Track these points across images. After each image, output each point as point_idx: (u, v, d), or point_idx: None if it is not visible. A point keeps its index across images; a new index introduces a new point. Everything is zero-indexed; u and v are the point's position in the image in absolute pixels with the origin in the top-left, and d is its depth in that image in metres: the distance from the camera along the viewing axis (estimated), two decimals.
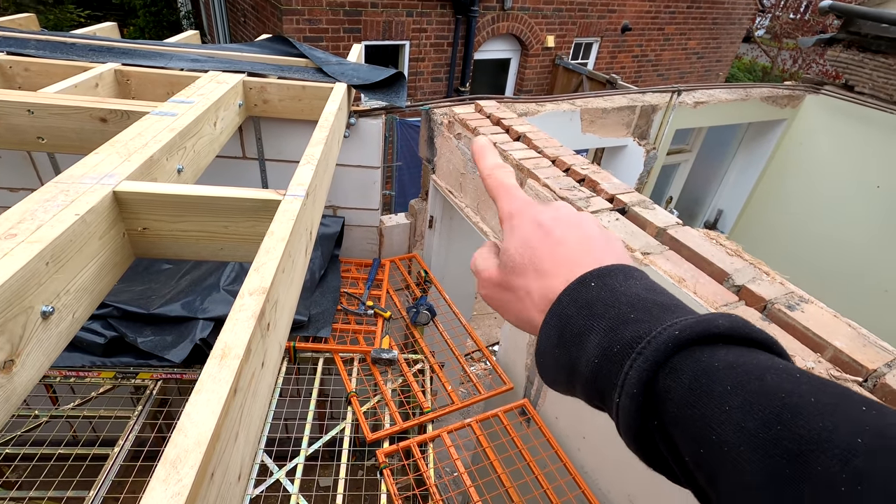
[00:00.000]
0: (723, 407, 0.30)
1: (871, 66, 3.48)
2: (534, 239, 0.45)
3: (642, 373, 0.33)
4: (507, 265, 0.46)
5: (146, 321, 1.83)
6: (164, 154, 1.33)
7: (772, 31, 16.05)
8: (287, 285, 1.03)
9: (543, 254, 0.44)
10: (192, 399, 0.64)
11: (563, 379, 0.41)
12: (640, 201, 1.63)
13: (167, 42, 2.35)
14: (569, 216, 0.47)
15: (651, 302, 0.38)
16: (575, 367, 0.39)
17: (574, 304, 0.40)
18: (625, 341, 0.36)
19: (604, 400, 0.38)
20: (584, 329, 0.38)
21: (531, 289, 0.44)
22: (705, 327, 0.33)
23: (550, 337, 0.41)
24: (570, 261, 0.43)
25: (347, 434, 1.82)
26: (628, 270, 0.41)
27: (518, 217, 0.48)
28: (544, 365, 0.43)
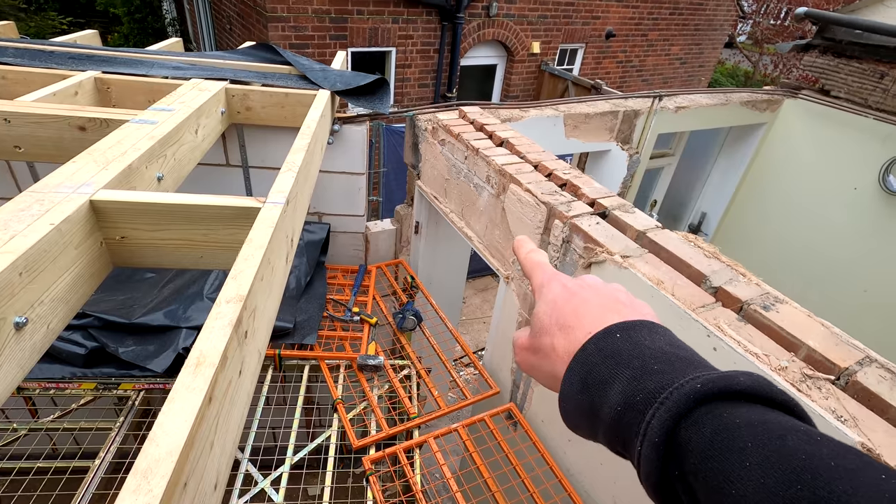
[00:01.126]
0: (743, 463, 0.31)
1: (845, 71, 3.56)
2: (560, 299, 0.48)
3: (664, 422, 0.34)
4: (535, 327, 0.49)
5: (128, 331, 1.81)
6: (143, 162, 1.32)
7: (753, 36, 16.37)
8: (266, 293, 1.03)
9: (568, 311, 0.47)
10: (164, 408, 0.63)
11: (586, 424, 0.43)
12: (620, 205, 1.65)
13: (149, 50, 2.34)
14: (595, 282, 0.50)
15: (674, 356, 0.39)
16: (597, 413, 0.40)
17: (599, 353, 0.42)
18: (648, 391, 0.37)
19: (626, 447, 0.39)
20: (608, 377, 0.40)
21: (556, 345, 0.46)
22: (727, 383, 0.34)
23: (574, 383, 0.42)
24: (593, 317, 0.45)
25: (333, 441, 1.81)
26: (653, 326, 0.43)
27: (547, 284, 0.51)
28: (567, 410, 0.44)
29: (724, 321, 1.20)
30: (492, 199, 1.96)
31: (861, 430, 0.95)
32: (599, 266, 1.47)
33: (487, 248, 2.08)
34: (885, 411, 1.00)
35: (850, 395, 1.05)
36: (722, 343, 1.15)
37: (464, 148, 2.09)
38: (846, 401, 1.02)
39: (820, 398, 1.02)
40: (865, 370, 1.07)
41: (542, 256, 0.57)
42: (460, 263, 3.07)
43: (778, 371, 1.07)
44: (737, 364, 1.12)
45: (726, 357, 1.14)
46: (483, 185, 2.00)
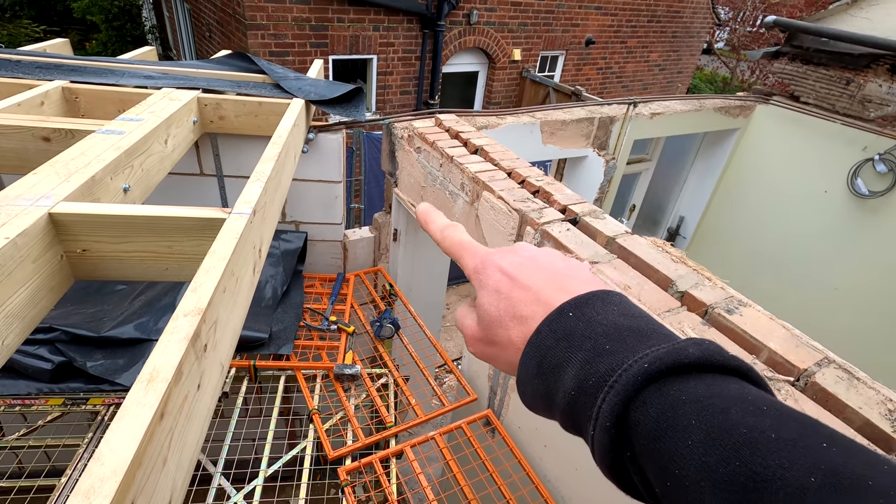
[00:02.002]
0: (686, 441, 0.30)
1: (814, 78, 3.66)
2: (504, 287, 0.46)
3: (614, 406, 0.34)
4: (485, 319, 0.47)
5: (97, 344, 1.77)
6: (107, 173, 1.30)
7: (730, 43, 16.76)
8: (230, 304, 1.02)
9: (516, 300, 0.45)
10: (112, 425, 0.62)
11: (542, 406, 0.42)
12: (590, 211, 1.67)
13: (120, 59, 2.32)
14: (529, 257, 0.48)
15: (627, 329, 0.38)
16: (553, 397, 0.40)
17: (553, 335, 0.41)
18: (599, 374, 0.36)
19: (580, 430, 0.39)
20: (562, 361, 0.39)
21: (512, 336, 0.45)
22: (675, 358, 0.34)
23: (530, 367, 0.42)
24: (542, 301, 0.44)
25: (309, 453, 1.80)
26: (605, 297, 0.42)
27: (483, 270, 0.49)
28: (525, 393, 0.44)
29: (689, 325, 1.22)
30: (466, 207, 1.97)
31: None
32: None
33: None
34: (841, 411, 1.03)
35: (809, 396, 1.07)
36: None
37: (439, 156, 2.10)
38: (805, 402, 1.04)
39: (780, 400, 1.04)
40: (824, 371, 1.10)
41: (461, 233, 0.54)
42: (440, 270, 3.08)
43: None
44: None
45: None
46: (458, 193, 2.01)
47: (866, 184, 3.49)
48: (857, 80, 3.43)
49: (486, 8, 7.03)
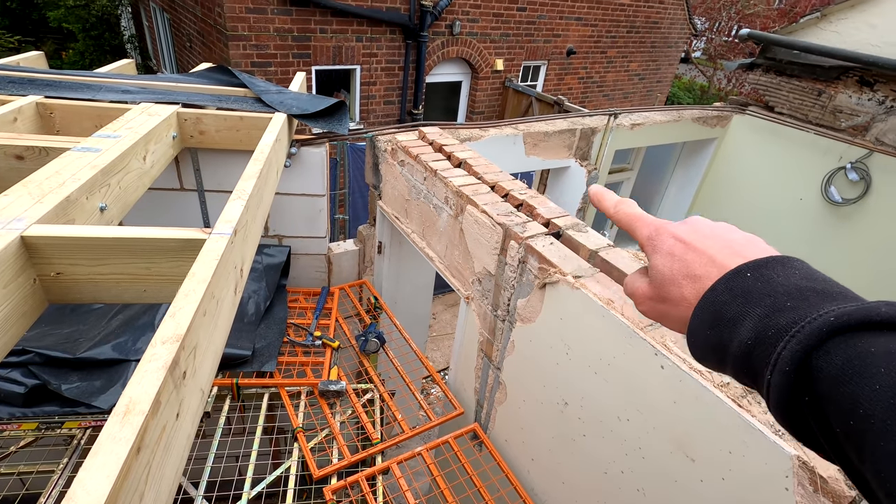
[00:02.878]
0: (873, 386, 0.33)
1: (787, 89, 3.77)
2: (678, 251, 0.50)
3: (795, 353, 0.37)
4: (657, 280, 0.51)
5: (72, 366, 1.72)
6: (83, 193, 1.27)
7: (707, 52, 17.17)
8: (210, 328, 1.01)
9: (691, 261, 0.49)
10: (86, 463, 0.60)
11: (713, 358, 0.45)
12: (573, 224, 1.69)
13: (97, 73, 2.28)
14: (703, 226, 0.52)
15: (809, 290, 0.40)
16: (726, 348, 0.43)
17: (729, 292, 0.44)
18: (779, 326, 0.39)
19: (755, 378, 0.41)
20: (738, 315, 0.42)
21: (686, 294, 0.48)
22: (864, 315, 0.36)
23: (704, 320, 0.45)
24: (717, 263, 0.47)
25: (293, 472, 1.77)
26: (786, 261, 0.44)
27: (657, 237, 0.53)
28: (695, 344, 0.47)
29: (671, 339, 1.23)
30: (450, 220, 1.98)
31: (797, 444, 0.99)
32: (553, 286, 1.49)
33: (448, 268, 2.09)
34: None
35: None
36: (668, 361, 1.18)
37: (422, 169, 2.11)
38: None
39: (759, 412, 1.05)
40: None
41: (633, 207, 0.58)
42: (425, 282, 3.07)
43: (721, 387, 1.10)
44: (682, 382, 1.16)
45: (672, 374, 1.17)
46: (442, 206, 2.02)
47: (839, 191, 3.59)
48: (829, 92, 3.54)
49: (468, 19, 7.10)
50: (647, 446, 1.30)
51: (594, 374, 1.42)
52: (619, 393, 1.36)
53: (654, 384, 1.24)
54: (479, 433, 1.99)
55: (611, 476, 1.44)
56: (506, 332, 1.78)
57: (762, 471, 1.03)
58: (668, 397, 1.21)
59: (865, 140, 3.43)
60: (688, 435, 1.19)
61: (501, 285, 1.75)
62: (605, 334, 1.35)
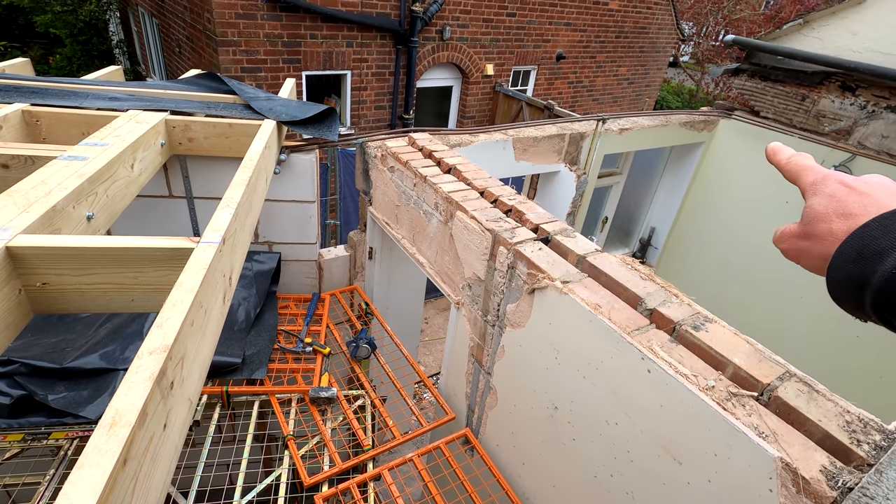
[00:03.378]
0: None
1: (772, 94, 3.83)
2: (839, 193, 0.51)
3: None
4: (809, 217, 0.53)
5: (59, 376, 1.70)
6: (69, 202, 1.27)
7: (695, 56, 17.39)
8: (198, 338, 1.00)
9: (850, 202, 0.50)
10: (71, 475, 0.60)
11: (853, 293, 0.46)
12: (562, 230, 1.70)
13: (84, 80, 2.27)
14: (876, 178, 0.53)
15: None
16: (867, 279, 0.44)
17: (881, 228, 0.45)
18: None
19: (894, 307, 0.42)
20: (886, 247, 0.43)
21: (835, 229, 0.49)
22: None
23: (847, 254, 0.46)
24: (877, 205, 0.48)
25: (284, 480, 1.76)
26: None
27: (821, 182, 0.54)
28: (836, 280, 0.48)
29: (658, 343, 1.25)
30: (440, 226, 1.99)
31: (780, 446, 1.00)
32: (542, 292, 1.50)
33: (438, 273, 2.09)
34: (802, 424, 1.06)
35: (772, 410, 1.11)
36: (655, 365, 1.20)
37: (412, 175, 2.11)
38: (768, 416, 1.08)
39: (744, 415, 1.07)
40: (786, 385, 1.14)
41: (808, 160, 0.60)
42: (417, 287, 3.07)
43: (706, 391, 1.12)
44: (669, 385, 1.17)
45: (658, 378, 1.19)
46: (432, 212, 2.03)
47: None
48: (812, 97, 3.60)
49: (458, 24, 7.14)
50: (636, 449, 1.32)
51: (583, 378, 1.43)
52: (607, 397, 1.37)
53: (641, 388, 1.25)
54: (471, 438, 1.99)
55: (600, 479, 1.46)
56: (496, 337, 1.79)
57: (747, 472, 1.05)
58: (655, 401, 1.22)
59: (848, 144, 3.50)
60: (674, 438, 1.20)
61: (491, 290, 1.76)
62: (592, 339, 1.36)
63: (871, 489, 0.89)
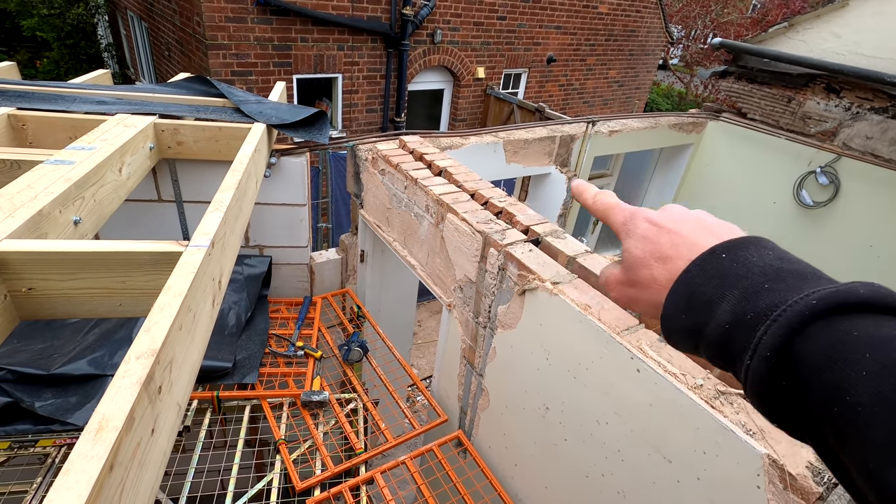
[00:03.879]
0: (860, 372, 0.32)
1: (758, 96, 3.88)
2: (650, 234, 0.50)
3: (776, 338, 0.36)
4: (629, 262, 0.51)
5: (46, 383, 1.68)
6: (56, 207, 1.26)
7: (684, 59, 17.58)
8: (187, 342, 1.00)
9: (663, 243, 0.48)
10: (56, 482, 0.60)
11: (688, 341, 0.45)
12: (552, 231, 1.71)
13: (72, 83, 2.25)
14: (678, 211, 0.52)
15: (785, 272, 0.39)
16: (701, 330, 0.42)
17: (703, 274, 0.43)
18: (758, 309, 0.38)
19: (731, 362, 0.40)
20: (714, 297, 0.41)
21: (657, 275, 0.48)
22: (843, 297, 0.35)
23: (678, 303, 0.44)
24: (689, 244, 0.46)
25: (276, 485, 1.75)
26: (759, 241, 0.44)
27: (631, 221, 0.53)
28: (669, 329, 0.46)
29: (647, 343, 1.26)
30: (431, 228, 1.99)
31: (767, 443, 1.02)
32: (533, 293, 1.51)
33: (430, 276, 2.10)
34: None
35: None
36: (644, 365, 1.21)
37: (403, 178, 2.12)
38: (754, 414, 1.09)
39: (732, 413, 1.08)
40: None
41: (611, 197, 0.59)
42: (409, 290, 3.07)
43: (694, 389, 1.13)
44: (658, 385, 1.18)
45: (648, 378, 1.20)
46: (423, 215, 2.03)
47: (810, 195, 3.70)
48: (798, 98, 3.65)
49: (449, 27, 7.16)
50: (626, 449, 1.33)
51: (573, 378, 1.44)
52: (597, 397, 1.38)
53: (630, 387, 1.26)
54: (463, 440, 1.99)
55: (592, 480, 1.46)
56: (487, 338, 1.80)
57: (735, 470, 1.06)
58: (645, 400, 1.23)
59: (833, 145, 3.55)
60: (664, 437, 1.21)
61: (482, 292, 1.77)
62: (582, 339, 1.37)
63: None
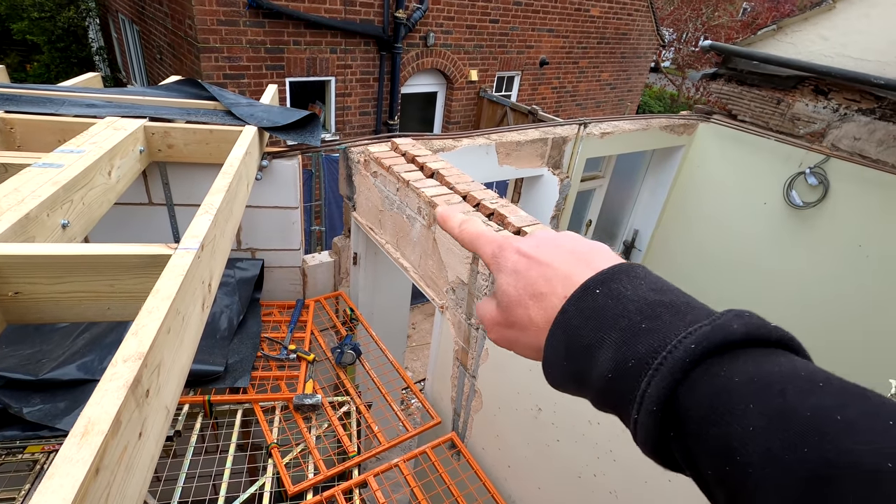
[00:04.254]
0: (746, 427, 0.30)
1: (748, 98, 3.92)
2: (521, 267, 0.45)
3: (661, 391, 0.33)
4: (503, 302, 0.46)
5: (35, 388, 1.67)
6: (44, 210, 1.25)
7: (675, 62, 17.71)
8: (175, 345, 0.99)
9: (534, 277, 0.44)
10: (41, 486, 0.59)
11: (573, 388, 0.42)
12: None
13: (61, 86, 2.24)
14: (547, 238, 0.47)
15: (660, 305, 0.37)
16: (584, 379, 0.39)
17: (580, 315, 0.39)
18: (639, 356, 0.35)
19: (618, 411, 0.38)
20: (593, 342, 0.38)
21: (533, 316, 0.43)
22: (722, 336, 0.33)
23: (557, 349, 0.41)
24: (562, 277, 0.43)
25: (268, 489, 1.74)
26: (630, 270, 0.41)
27: (500, 254, 0.48)
28: (552, 375, 0.43)
29: None
30: (423, 230, 1.99)
31: None
32: None
33: (423, 278, 2.10)
34: None
35: None
36: None
37: (395, 180, 2.12)
38: None
39: None
40: None
41: (477, 225, 0.54)
42: (402, 292, 3.07)
43: None
44: None
45: None
46: (415, 217, 2.03)
47: (800, 195, 3.74)
48: (787, 100, 3.69)
49: (442, 30, 7.18)
50: (618, 448, 1.33)
51: None
52: None
53: None
54: (457, 442, 1.99)
55: (584, 480, 1.46)
56: (480, 339, 1.80)
57: None
58: None
59: (822, 146, 3.59)
60: None
61: (475, 294, 1.77)
62: None
63: None
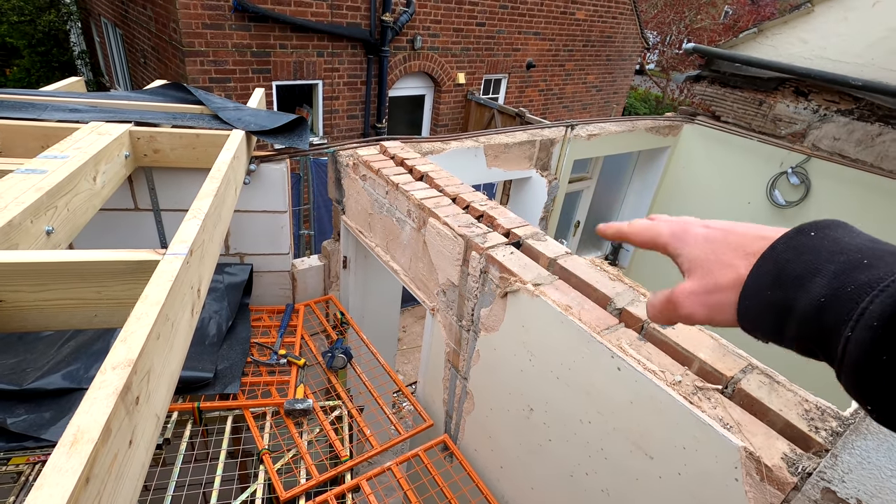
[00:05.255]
0: None
1: (731, 99, 3.98)
2: (715, 236, 0.48)
3: (885, 307, 0.34)
4: (702, 269, 0.48)
5: (19, 398, 1.63)
6: (27, 216, 1.23)
7: (660, 64, 17.95)
8: (165, 351, 0.98)
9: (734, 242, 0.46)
10: (30, 497, 0.58)
11: (770, 318, 0.42)
12: (533, 234, 1.73)
13: (43, 91, 2.20)
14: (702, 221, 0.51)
15: (882, 250, 0.38)
16: (791, 307, 0.40)
17: (793, 250, 0.41)
18: (860, 282, 0.36)
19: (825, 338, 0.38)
20: (806, 272, 0.39)
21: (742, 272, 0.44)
22: None
23: (762, 279, 0.42)
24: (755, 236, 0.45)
25: (260, 496, 1.72)
26: (847, 225, 0.42)
27: (681, 233, 0.51)
28: (749, 308, 0.44)
29: (626, 342, 1.28)
30: (413, 233, 1.99)
31: (744, 436, 1.04)
32: (515, 295, 1.52)
33: (413, 280, 2.10)
34: (765, 414, 1.10)
35: (736, 402, 1.15)
36: (624, 363, 1.22)
37: (384, 183, 2.12)
38: (732, 408, 1.11)
39: (710, 408, 1.11)
40: (748, 377, 1.18)
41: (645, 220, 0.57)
42: (393, 296, 3.07)
43: (673, 386, 1.15)
44: (637, 382, 1.20)
45: (628, 375, 1.22)
46: (405, 220, 2.03)
47: (783, 195, 3.81)
48: (769, 101, 3.76)
49: (429, 34, 7.20)
50: (609, 447, 1.34)
51: (556, 378, 1.45)
52: (580, 396, 1.39)
53: (612, 386, 1.28)
54: (449, 444, 1.99)
55: (577, 479, 1.48)
56: (471, 341, 1.80)
57: (714, 464, 1.08)
58: (626, 398, 1.25)
59: (803, 146, 3.66)
60: (645, 433, 1.23)
61: (465, 296, 1.77)
62: (564, 340, 1.38)
63: (828, 473, 0.93)
